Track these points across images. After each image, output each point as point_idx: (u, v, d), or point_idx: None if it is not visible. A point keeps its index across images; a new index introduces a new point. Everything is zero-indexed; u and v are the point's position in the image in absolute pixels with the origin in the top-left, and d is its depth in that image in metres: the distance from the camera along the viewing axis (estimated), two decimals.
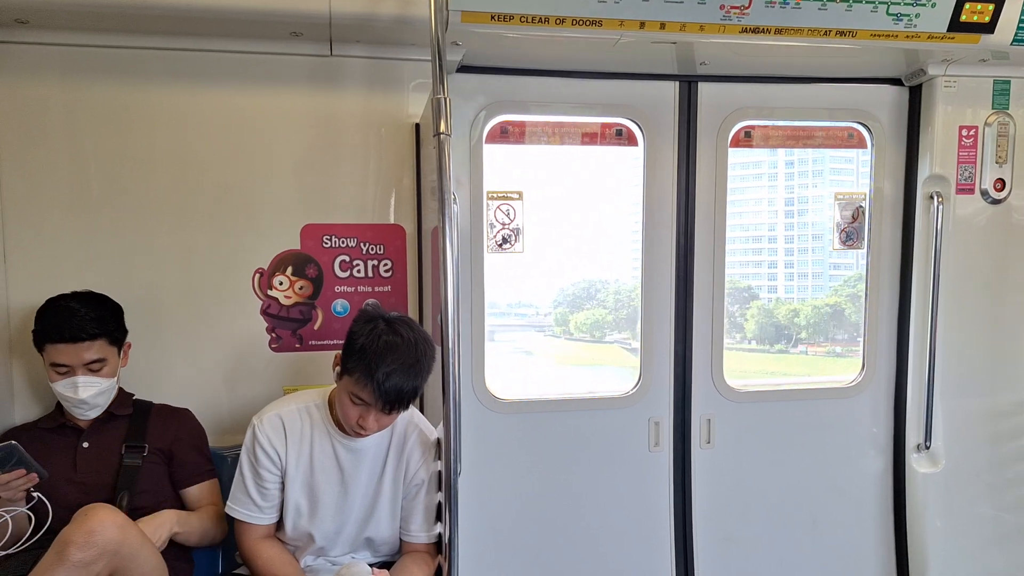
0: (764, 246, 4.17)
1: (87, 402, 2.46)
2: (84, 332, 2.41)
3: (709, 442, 3.30)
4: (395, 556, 2.54)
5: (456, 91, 2.86)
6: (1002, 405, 3.36)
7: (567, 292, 4.00)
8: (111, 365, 2.50)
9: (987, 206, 3.26)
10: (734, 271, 4.05)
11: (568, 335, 4.13)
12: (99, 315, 2.48)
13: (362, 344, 2.20)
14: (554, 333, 4.18)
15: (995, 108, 3.23)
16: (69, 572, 1.95)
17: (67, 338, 2.40)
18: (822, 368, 4.06)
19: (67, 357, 2.42)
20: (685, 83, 3.19)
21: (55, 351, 2.42)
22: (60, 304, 2.46)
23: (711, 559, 3.34)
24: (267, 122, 2.91)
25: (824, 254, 3.95)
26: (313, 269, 2.96)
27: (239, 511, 2.42)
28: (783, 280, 4.15)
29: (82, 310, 2.44)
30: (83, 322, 2.42)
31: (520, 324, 4.03)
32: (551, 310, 4.14)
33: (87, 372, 2.44)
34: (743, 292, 4.15)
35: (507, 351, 3.92)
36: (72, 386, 2.43)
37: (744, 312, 4.17)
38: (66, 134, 2.77)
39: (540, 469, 3.20)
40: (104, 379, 2.48)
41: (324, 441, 2.42)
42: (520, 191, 3.11)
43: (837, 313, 4.03)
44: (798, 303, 4.19)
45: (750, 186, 4.03)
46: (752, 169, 4.07)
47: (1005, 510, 3.38)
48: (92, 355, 2.44)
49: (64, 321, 2.41)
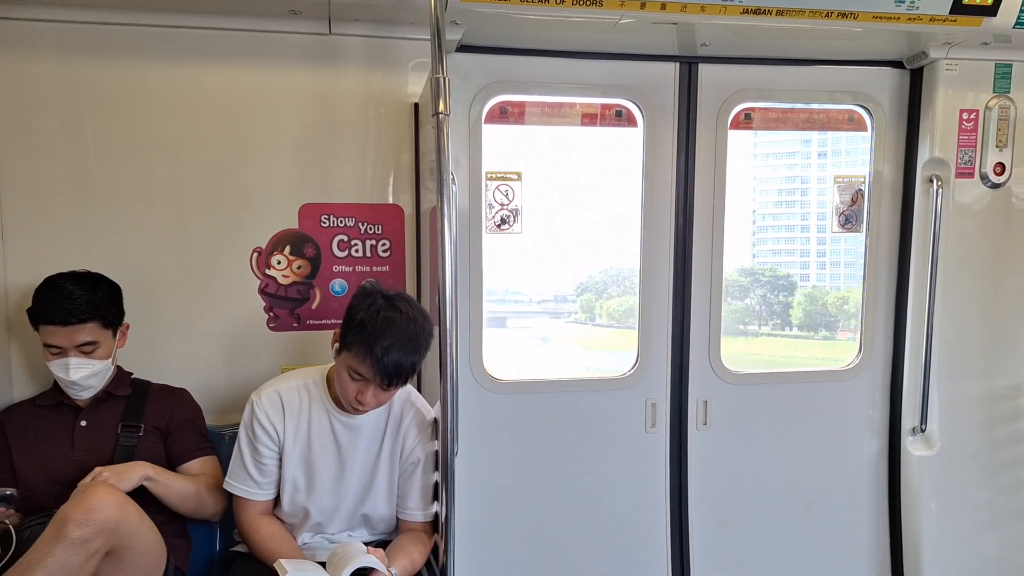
0: (796, 235, 4.16)
1: (78, 383, 2.46)
2: (74, 316, 2.40)
3: (706, 424, 3.32)
4: (392, 535, 2.55)
5: (455, 71, 2.84)
6: (998, 389, 3.37)
7: (595, 279, 4.00)
8: (104, 347, 2.49)
9: (987, 190, 3.26)
10: (769, 259, 4.07)
11: (593, 321, 4.13)
12: (93, 298, 2.46)
13: (361, 319, 2.21)
14: (579, 320, 4.19)
15: (996, 92, 3.22)
16: (67, 549, 1.95)
17: (58, 320, 2.39)
18: None
19: (59, 339, 2.41)
20: (686, 64, 3.18)
21: (48, 332, 2.42)
22: (56, 285, 2.45)
23: (706, 540, 3.36)
24: (265, 101, 2.89)
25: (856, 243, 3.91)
26: (311, 248, 2.96)
27: (237, 487, 2.43)
28: (815, 268, 4.14)
29: (76, 292, 2.43)
30: (76, 305, 2.41)
31: (537, 311, 4.04)
32: (576, 296, 4.15)
33: (79, 354, 2.44)
34: (781, 280, 4.15)
35: (523, 337, 3.93)
36: (64, 367, 2.43)
37: (788, 299, 4.17)
38: (63, 112, 2.75)
39: (537, 449, 3.22)
40: (97, 361, 2.47)
41: (322, 417, 2.43)
42: (519, 172, 3.11)
43: None
44: (844, 290, 4.18)
45: (775, 169, 4.03)
46: (782, 151, 4.05)
47: (1000, 493, 3.40)
48: (84, 337, 2.43)
49: (57, 303, 2.40)
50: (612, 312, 4.01)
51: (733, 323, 4.18)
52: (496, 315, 3.71)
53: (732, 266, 4.08)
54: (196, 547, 2.64)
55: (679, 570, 3.34)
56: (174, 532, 2.49)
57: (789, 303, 4.20)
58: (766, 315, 4.06)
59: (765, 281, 4.22)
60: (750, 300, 4.20)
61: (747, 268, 4.24)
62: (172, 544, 2.41)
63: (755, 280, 4.22)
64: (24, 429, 2.51)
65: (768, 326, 4.18)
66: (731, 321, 4.15)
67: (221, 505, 2.55)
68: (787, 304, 4.20)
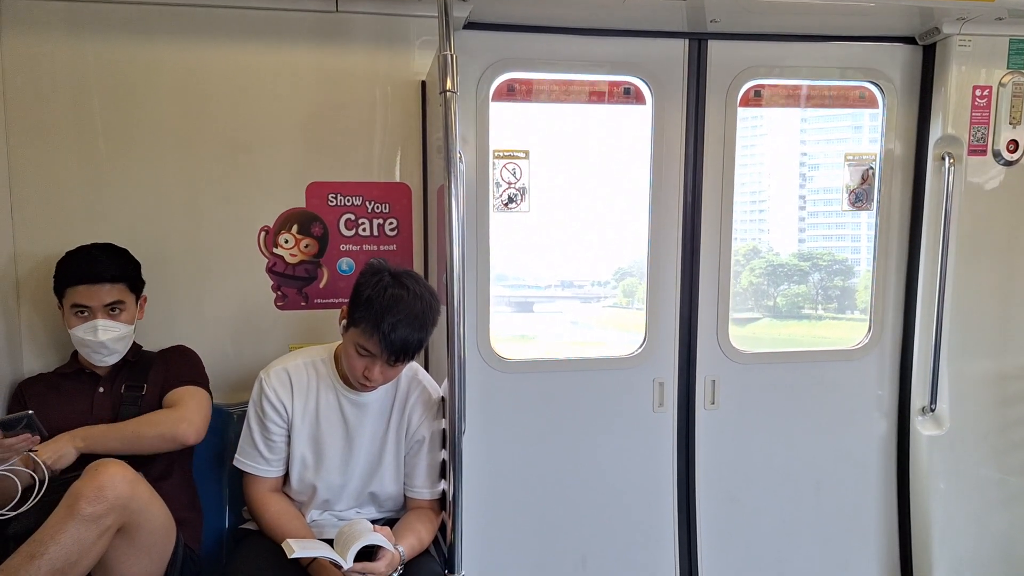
0: (848, 220, 4.09)
1: (107, 345, 2.49)
2: (107, 272, 2.46)
3: (713, 403, 3.31)
4: (400, 512, 2.56)
5: (463, 48, 2.83)
6: (1009, 368, 3.35)
7: (639, 263, 3.96)
8: (129, 312, 2.54)
9: (999, 168, 3.22)
10: (819, 244, 4.03)
11: (632, 305, 4.10)
12: (121, 261, 2.53)
13: (368, 296, 2.21)
14: (619, 304, 4.16)
15: (1010, 68, 3.18)
16: (80, 525, 1.97)
17: (88, 278, 2.44)
18: None
19: (87, 298, 2.45)
20: (695, 41, 3.15)
21: (75, 293, 2.45)
22: (83, 251, 2.51)
23: (714, 520, 3.36)
24: (272, 78, 2.88)
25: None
26: (319, 227, 2.96)
27: (247, 463, 2.45)
28: (865, 254, 4.07)
29: (103, 256, 2.49)
30: (105, 265, 2.47)
31: (572, 296, 4.02)
32: (616, 281, 4.13)
33: (107, 316, 2.47)
34: (838, 264, 4.12)
35: (559, 320, 3.92)
36: (92, 329, 2.46)
37: (844, 284, 4.15)
38: (72, 90, 2.76)
39: (544, 429, 3.22)
40: (123, 325, 2.51)
41: (330, 395, 2.44)
42: (526, 150, 3.09)
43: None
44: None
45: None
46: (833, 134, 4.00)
47: (1010, 473, 3.38)
48: (112, 297, 2.47)
49: (86, 264, 2.46)
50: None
51: (793, 308, 4.21)
52: (528, 299, 3.72)
53: (786, 251, 4.08)
54: (206, 524, 2.66)
55: (686, 550, 3.34)
56: (184, 506, 2.51)
57: (847, 287, 4.17)
58: (822, 299, 4.02)
59: (823, 265, 4.19)
60: (807, 285, 4.18)
61: (804, 253, 4.22)
62: (183, 519, 2.43)
63: (813, 265, 4.19)
64: (45, 398, 2.54)
65: (828, 309, 4.15)
66: (791, 307, 4.17)
67: (184, 426, 2.41)
68: (845, 288, 4.17)
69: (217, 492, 2.76)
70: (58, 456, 2.23)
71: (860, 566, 3.48)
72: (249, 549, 2.41)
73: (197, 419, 2.47)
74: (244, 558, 2.36)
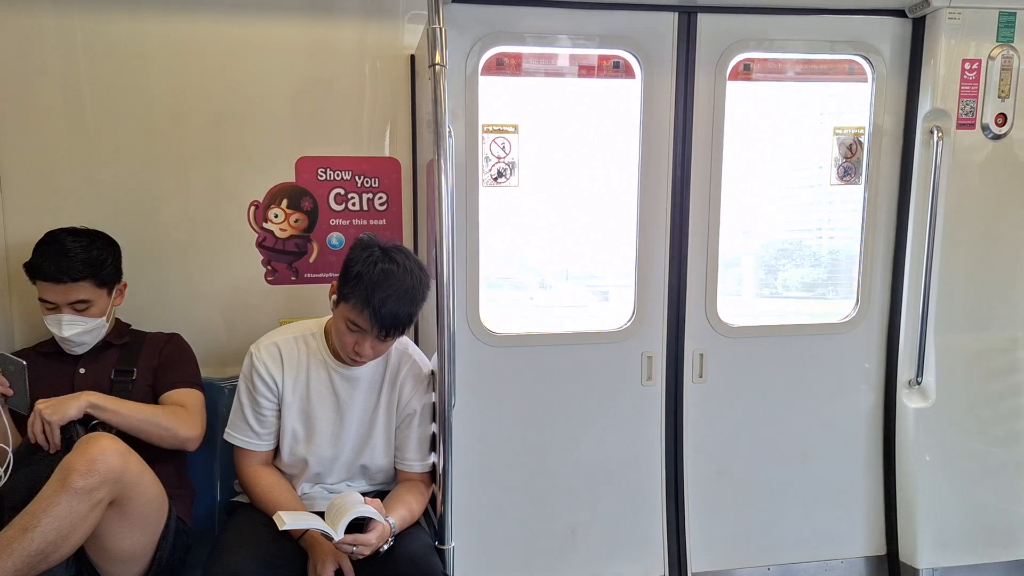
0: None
1: (71, 340, 2.49)
2: (67, 274, 2.42)
3: (702, 376, 3.33)
4: (391, 485, 2.58)
5: (451, 22, 2.82)
6: (995, 341, 3.37)
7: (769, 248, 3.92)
8: (98, 306, 2.51)
9: (988, 141, 3.22)
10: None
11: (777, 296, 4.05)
12: (88, 256, 2.47)
13: (358, 271, 2.22)
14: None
15: (1000, 41, 3.17)
16: (72, 498, 1.98)
17: (51, 278, 2.42)
18: None
19: (53, 295, 2.44)
20: (684, 14, 3.13)
21: (42, 287, 2.45)
22: (54, 240, 2.47)
23: (702, 492, 3.39)
24: (262, 52, 2.88)
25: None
26: (308, 202, 2.96)
27: (237, 437, 2.46)
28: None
29: (73, 249, 2.44)
30: (70, 263, 2.42)
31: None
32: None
33: (72, 311, 2.47)
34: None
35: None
36: (57, 323, 2.47)
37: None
38: (60, 65, 2.75)
39: (534, 402, 3.24)
40: (91, 319, 2.50)
41: (320, 369, 2.45)
42: (516, 124, 3.09)
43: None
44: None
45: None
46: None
47: (995, 444, 3.42)
48: (77, 295, 2.45)
49: (52, 260, 2.42)
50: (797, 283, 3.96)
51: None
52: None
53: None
54: (197, 498, 2.68)
55: (675, 521, 3.38)
56: (176, 482, 2.53)
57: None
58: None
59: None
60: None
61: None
62: (175, 495, 2.45)
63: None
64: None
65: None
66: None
67: (193, 432, 2.48)
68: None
69: (208, 465, 2.77)
70: (62, 408, 2.24)
71: (846, 537, 3.53)
72: (240, 521, 2.43)
73: (202, 428, 2.52)
74: (235, 530, 2.37)
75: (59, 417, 2.23)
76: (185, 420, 2.48)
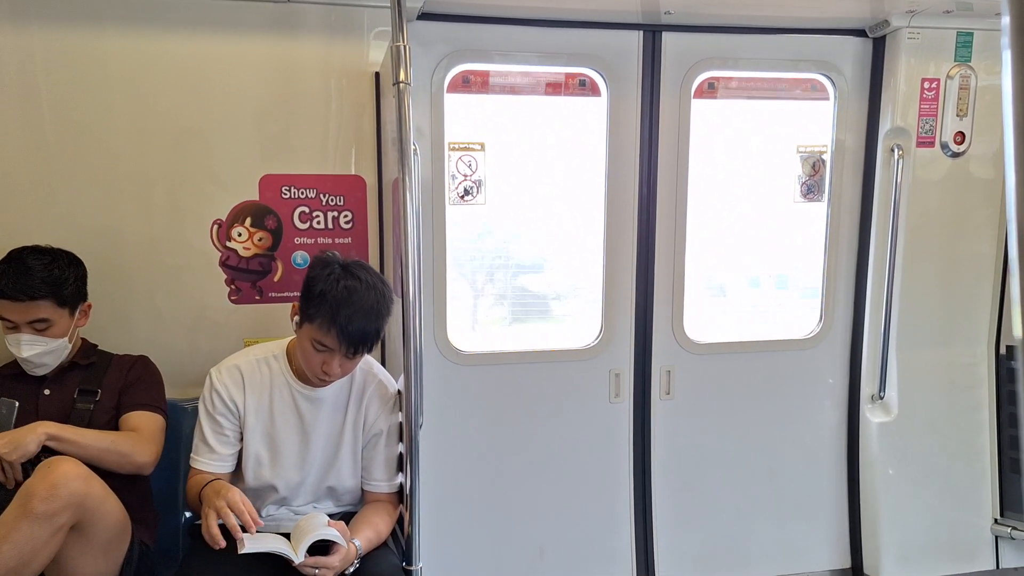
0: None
1: (30, 360, 2.44)
2: (25, 292, 2.36)
3: (669, 393, 3.34)
4: (358, 506, 2.56)
5: (417, 39, 2.82)
6: (956, 355, 3.43)
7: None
8: (59, 327, 2.45)
9: (947, 159, 3.29)
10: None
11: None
12: (50, 275, 2.41)
13: (321, 290, 2.20)
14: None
15: (957, 60, 3.24)
16: (33, 524, 1.94)
17: (10, 295, 2.36)
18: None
19: (12, 314, 2.39)
20: (649, 32, 3.16)
21: (2, 306, 2.39)
22: (17, 258, 2.41)
23: (669, 508, 3.41)
24: (224, 70, 2.84)
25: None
26: (272, 220, 2.93)
27: (198, 460, 2.41)
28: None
29: (35, 267, 2.39)
30: (31, 282, 2.37)
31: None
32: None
33: (31, 331, 2.40)
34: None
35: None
36: (16, 343, 2.41)
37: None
38: (19, 79, 2.70)
39: (502, 421, 3.24)
40: (51, 339, 2.44)
41: (284, 391, 2.42)
42: (482, 142, 3.09)
43: None
44: None
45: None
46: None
47: (957, 458, 3.47)
48: (36, 315, 2.39)
49: (11, 278, 2.36)
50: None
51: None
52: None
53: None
54: (161, 521, 2.63)
55: (643, 538, 3.38)
56: (140, 506, 2.48)
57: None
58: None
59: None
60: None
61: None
62: (139, 518, 2.40)
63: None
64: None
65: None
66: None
67: (148, 458, 2.42)
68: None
69: (172, 489, 2.73)
70: (19, 444, 2.17)
71: (812, 550, 3.56)
72: (204, 544, 2.38)
73: (156, 453, 2.45)
74: (198, 554, 2.33)
75: (18, 456, 2.17)
76: (140, 445, 2.42)
